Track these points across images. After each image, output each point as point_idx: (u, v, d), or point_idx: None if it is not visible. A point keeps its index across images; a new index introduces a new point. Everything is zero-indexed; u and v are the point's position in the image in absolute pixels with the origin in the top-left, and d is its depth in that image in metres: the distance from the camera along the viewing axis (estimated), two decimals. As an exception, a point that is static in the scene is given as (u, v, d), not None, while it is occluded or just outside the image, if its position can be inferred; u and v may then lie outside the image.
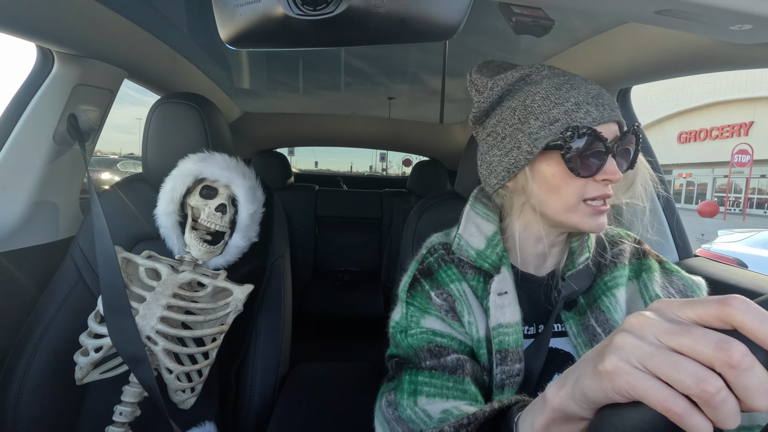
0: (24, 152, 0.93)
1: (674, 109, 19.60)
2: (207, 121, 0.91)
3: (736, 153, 15.11)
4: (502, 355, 0.53)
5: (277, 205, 1.03)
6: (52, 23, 0.81)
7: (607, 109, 0.50)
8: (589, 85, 0.52)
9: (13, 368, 0.80)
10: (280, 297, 0.96)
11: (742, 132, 17.64)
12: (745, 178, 18.29)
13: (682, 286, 0.56)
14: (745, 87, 17.25)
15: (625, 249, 0.61)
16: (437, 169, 2.29)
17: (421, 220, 0.95)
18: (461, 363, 0.52)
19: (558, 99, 0.51)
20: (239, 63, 1.51)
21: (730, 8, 0.46)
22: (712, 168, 19.78)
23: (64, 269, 0.89)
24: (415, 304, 0.57)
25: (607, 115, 0.50)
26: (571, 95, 0.51)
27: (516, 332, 0.54)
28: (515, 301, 0.55)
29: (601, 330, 0.55)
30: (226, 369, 0.86)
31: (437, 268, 0.60)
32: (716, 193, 20.36)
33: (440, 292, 0.57)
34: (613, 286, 0.57)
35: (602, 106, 0.50)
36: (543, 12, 0.52)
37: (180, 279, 0.79)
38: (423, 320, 0.56)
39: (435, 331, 0.55)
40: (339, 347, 2.00)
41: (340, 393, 0.93)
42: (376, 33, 0.44)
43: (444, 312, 0.56)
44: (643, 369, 0.23)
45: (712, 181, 20.30)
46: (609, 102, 0.51)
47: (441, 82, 1.51)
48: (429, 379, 0.51)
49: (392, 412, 0.50)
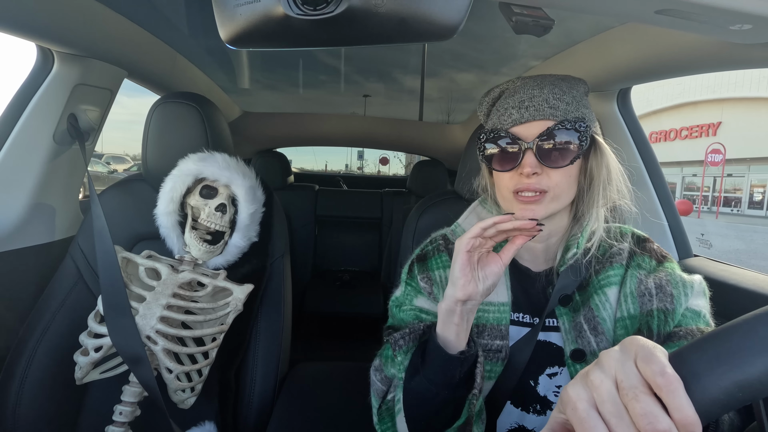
0: (24, 152, 0.93)
1: (646, 110, 19.74)
2: (207, 121, 0.91)
3: (709, 152, 15.31)
4: (479, 329, 0.60)
5: (277, 205, 1.03)
6: (52, 23, 0.81)
7: (530, 110, 0.56)
8: (529, 91, 0.57)
9: (13, 368, 0.80)
10: (280, 297, 0.96)
11: (710, 132, 17.87)
12: (713, 177, 18.51)
13: (664, 282, 0.56)
14: (713, 88, 17.51)
15: (624, 249, 0.61)
16: (437, 169, 2.29)
17: (421, 219, 0.95)
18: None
19: (499, 107, 0.61)
20: (237, 62, 1.51)
21: (730, 8, 0.46)
22: (681, 167, 19.99)
23: (64, 269, 0.89)
24: (411, 285, 0.66)
25: (527, 116, 0.56)
26: (506, 102, 0.59)
27: (499, 311, 0.61)
28: (503, 284, 0.62)
29: (587, 327, 0.57)
30: (226, 369, 0.86)
31: (431, 255, 0.68)
32: (685, 192, 20.68)
33: (424, 276, 0.65)
34: (605, 285, 0.59)
35: (525, 108, 0.57)
36: (543, 12, 0.52)
37: (180, 279, 0.79)
38: (415, 299, 0.64)
39: (422, 309, 0.63)
40: (339, 347, 2.00)
41: (340, 392, 0.94)
42: (376, 33, 0.44)
43: (428, 294, 0.64)
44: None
45: (681, 180, 20.53)
46: (537, 104, 0.56)
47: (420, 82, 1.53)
48: None
49: (378, 375, 0.61)
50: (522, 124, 0.57)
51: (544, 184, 0.56)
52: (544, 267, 0.64)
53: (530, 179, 0.56)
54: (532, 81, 0.59)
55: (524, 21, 0.53)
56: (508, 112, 0.58)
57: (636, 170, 1.06)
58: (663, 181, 1.11)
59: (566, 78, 0.60)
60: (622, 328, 0.56)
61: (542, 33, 0.56)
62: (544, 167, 0.55)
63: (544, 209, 0.57)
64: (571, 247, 0.60)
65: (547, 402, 0.58)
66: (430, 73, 1.56)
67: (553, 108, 0.56)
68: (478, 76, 1.61)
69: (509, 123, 0.58)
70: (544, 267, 0.64)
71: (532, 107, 0.56)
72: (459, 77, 1.67)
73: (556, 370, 0.58)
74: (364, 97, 1.99)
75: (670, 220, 1.09)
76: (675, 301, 0.54)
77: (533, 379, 0.59)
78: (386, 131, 2.22)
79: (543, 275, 0.63)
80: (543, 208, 0.57)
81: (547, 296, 0.62)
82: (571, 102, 0.57)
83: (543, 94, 0.57)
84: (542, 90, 0.57)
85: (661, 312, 0.53)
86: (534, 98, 0.57)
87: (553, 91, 0.57)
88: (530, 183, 0.56)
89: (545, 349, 0.59)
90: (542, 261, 0.64)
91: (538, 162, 0.55)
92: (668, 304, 0.54)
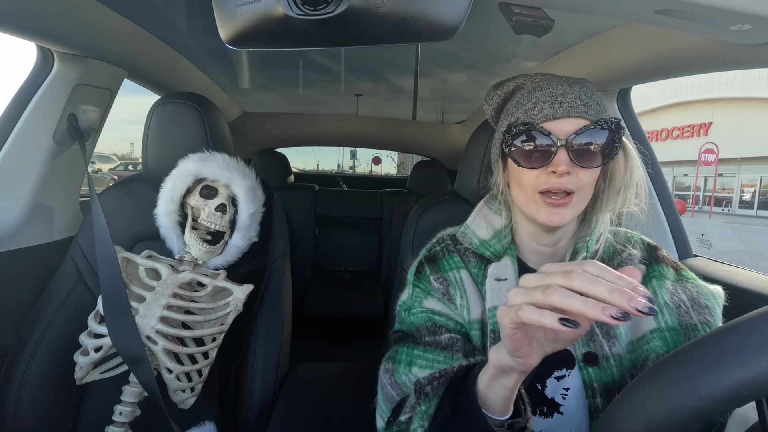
0: (24, 152, 0.93)
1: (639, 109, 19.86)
2: (207, 121, 0.91)
3: (702, 152, 15.35)
4: (496, 335, 0.57)
5: (277, 205, 1.03)
6: (52, 23, 0.81)
7: (564, 106, 0.53)
8: (559, 87, 0.55)
9: (13, 368, 0.80)
10: (280, 297, 0.96)
11: (702, 132, 17.93)
12: (704, 177, 18.56)
13: (695, 293, 0.55)
14: (704, 88, 17.58)
15: (634, 255, 0.60)
16: (437, 169, 2.29)
17: (421, 220, 0.95)
18: (453, 341, 0.58)
19: (523, 100, 0.57)
20: (237, 62, 1.51)
21: (730, 8, 0.46)
22: (672, 167, 20.10)
23: (63, 269, 0.89)
24: (420, 287, 0.64)
25: (561, 112, 0.53)
26: (534, 96, 0.56)
27: None
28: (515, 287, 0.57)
29: (599, 330, 0.56)
30: (226, 369, 0.86)
31: (441, 257, 0.66)
32: (675, 192, 20.76)
33: (438, 276, 0.63)
34: None
35: (559, 104, 0.54)
36: (543, 12, 0.52)
37: (180, 279, 0.79)
38: (425, 301, 0.62)
39: (434, 311, 0.61)
40: (339, 347, 2.00)
41: (340, 392, 0.93)
42: (376, 33, 0.44)
43: (441, 294, 0.62)
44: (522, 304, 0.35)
45: (672, 179, 20.65)
46: (571, 100, 0.53)
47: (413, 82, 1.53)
48: (423, 353, 0.57)
49: (389, 378, 0.58)
50: (555, 120, 0.53)
51: (573, 184, 0.53)
52: None
53: (561, 178, 0.53)
54: (557, 78, 0.57)
55: (524, 21, 0.53)
56: (539, 107, 0.54)
57: None
58: (663, 181, 1.11)
59: (582, 79, 0.58)
60: (660, 339, 0.53)
61: (542, 33, 0.56)
62: (575, 166, 0.53)
63: (571, 213, 0.55)
64: (581, 250, 0.59)
65: (554, 404, 0.57)
66: (424, 73, 1.56)
67: (586, 106, 0.53)
68: (471, 77, 1.61)
69: (541, 118, 0.54)
70: None
71: (565, 103, 0.53)
72: (452, 77, 1.67)
73: (564, 373, 0.58)
74: (356, 96, 1.99)
75: (670, 220, 1.09)
76: (712, 312, 0.53)
77: (540, 382, 0.58)
78: (386, 131, 2.22)
79: None
80: (570, 211, 0.54)
81: None
82: (600, 102, 0.55)
83: (574, 91, 0.54)
84: (572, 87, 0.55)
85: (705, 325, 0.52)
86: (566, 94, 0.54)
87: (582, 89, 0.55)
88: (561, 182, 0.53)
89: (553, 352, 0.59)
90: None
91: (570, 160, 0.52)
92: (707, 317, 0.53)
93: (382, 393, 0.58)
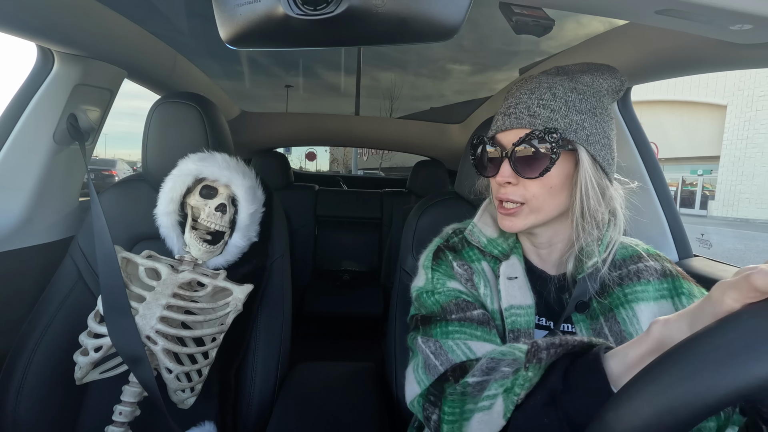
0: (24, 152, 0.93)
1: None
2: (207, 121, 0.91)
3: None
4: (515, 335, 0.57)
5: (277, 205, 1.03)
6: (52, 23, 0.81)
7: (511, 118, 0.55)
8: (520, 95, 0.56)
9: (13, 368, 0.80)
10: (280, 297, 0.96)
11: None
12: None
13: None
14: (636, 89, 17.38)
15: (650, 266, 0.60)
16: (437, 169, 2.29)
17: (421, 220, 0.95)
18: (487, 318, 0.57)
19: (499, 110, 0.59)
20: (237, 62, 1.51)
21: (730, 8, 0.46)
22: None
23: (63, 269, 0.89)
24: (440, 270, 0.63)
25: (509, 123, 0.55)
26: (501, 104, 0.59)
27: (527, 314, 0.58)
28: (526, 285, 0.60)
29: (613, 339, 0.55)
30: (226, 369, 0.86)
31: (461, 248, 0.66)
32: None
33: (461, 263, 0.63)
34: (633, 300, 0.57)
35: (508, 115, 0.55)
36: (543, 12, 0.52)
37: (180, 279, 0.79)
38: (449, 282, 0.61)
39: (461, 291, 0.60)
40: (339, 347, 2.00)
41: (340, 393, 0.93)
42: (376, 33, 0.44)
43: (464, 280, 0.62)
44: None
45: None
46: (519, 111, 0.54)
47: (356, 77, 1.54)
48: (459, 328, 0.56)
49: (432, 346, 0.55)
50: (503, 131, 0.56)
51: (520, 194, 0.55)
52: (554, 272, 0.63)
53: (507, 189, 0.55)
54: (532, 82, 0.57)
55: (524, 21, 0.53)
56: (497, 117, 0.58)
57: (636, 170, 1.06)
58: (663, 181, 1.11)
59: (580, 76, 0.56)
60: None
61: (542, 33, 0.56)
62: (519, 177, 0.54)
63: (522, 222, 0.56)
64: (592, 255, 0.58)
65: None
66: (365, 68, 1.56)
67: (532, 116, 0.53)
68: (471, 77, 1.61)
69: (494, 129, 0.57)
70: (555, 272, 0.63)
71: (513, 115, 0.55)
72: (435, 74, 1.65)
73: None
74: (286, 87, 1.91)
75: (670, 220, 1.09)
76: None
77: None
78: (386, 131, 2.22)
79: (555, 280, 0.62)
80: (521, 221, 0.56)
81: (561, 301, 0.61)
82: (559, 108, 0.53)
83: (530, 99, 0.55)
84: (532, 95, 0.55)
85: None
86: (519, 104, 0.55)
87: (543, 96, 0.54)
88: (506, 193, 0.55)
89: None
90: (551, 266, 0.64)
91: (512, 171, 0.54)
92: None
93: (422, 362, 0.55)
